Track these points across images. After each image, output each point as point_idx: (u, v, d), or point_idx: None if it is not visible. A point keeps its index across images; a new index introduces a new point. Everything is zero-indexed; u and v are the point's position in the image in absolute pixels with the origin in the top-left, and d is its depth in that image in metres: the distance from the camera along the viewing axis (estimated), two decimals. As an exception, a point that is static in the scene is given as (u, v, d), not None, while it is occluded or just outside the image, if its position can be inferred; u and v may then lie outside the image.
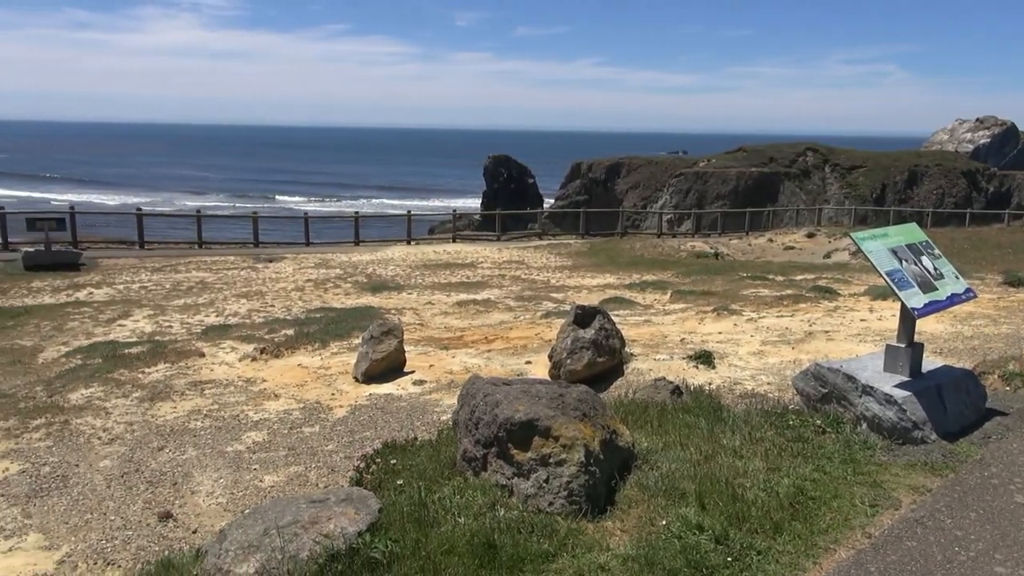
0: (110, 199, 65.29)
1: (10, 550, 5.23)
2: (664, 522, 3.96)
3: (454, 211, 35.27)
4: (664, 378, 7.08)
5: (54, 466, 6.67)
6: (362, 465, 4.99)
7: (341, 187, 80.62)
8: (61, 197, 63.13)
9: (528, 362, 9.29)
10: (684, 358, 8.45)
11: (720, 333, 10.10)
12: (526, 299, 15.47)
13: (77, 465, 6.68)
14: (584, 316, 8.25)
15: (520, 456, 4.28)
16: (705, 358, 8.33)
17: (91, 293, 16.78)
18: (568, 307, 12.58)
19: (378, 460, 4.97)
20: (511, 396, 4.48)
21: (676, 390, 6.58)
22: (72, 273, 19.22)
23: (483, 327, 12.21)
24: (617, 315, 10.88)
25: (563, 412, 4.39)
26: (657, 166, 56.69)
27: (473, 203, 64.29)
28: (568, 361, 7.93)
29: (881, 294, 12.64)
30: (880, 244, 5.43)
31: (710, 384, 7.17)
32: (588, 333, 8.01)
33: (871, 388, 5.22)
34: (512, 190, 56.31)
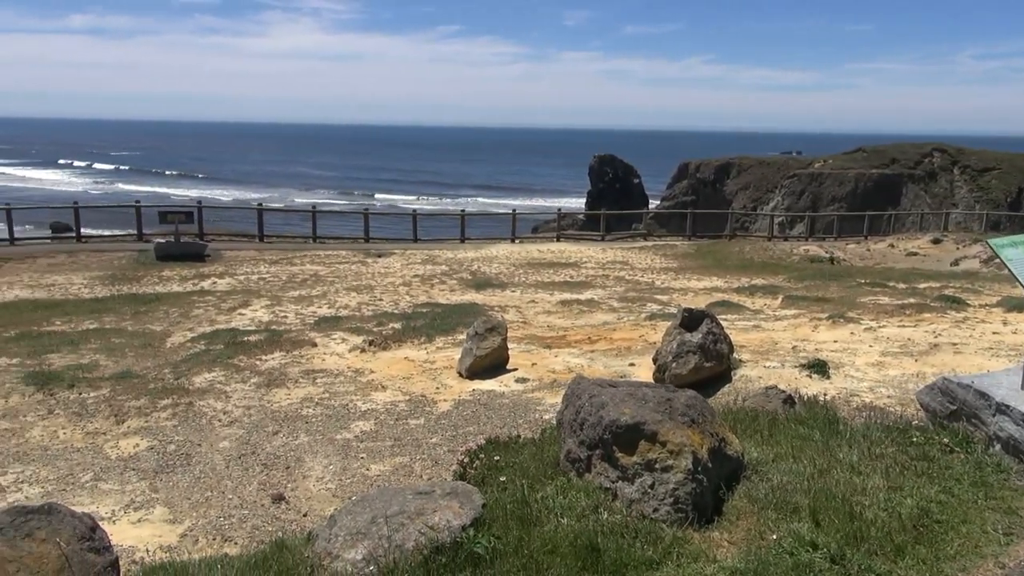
0: (229, 194, 68.92)
1: (139, 521, 5.60)
2: (775, 537, 3.80)
3: (559, 210, 35.25)
4: (775, 386, 6.83)
5: (179, 444, 7.09)
6: (466, 460, 5.05)
7: (447, 185, 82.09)
8: (185, 193, 67.09)
9: (632, 364, 9.17)
10: (796, 366, 8.12)
11: (835, 342, 9.65)
12: (630, 300, 15.29)
13: (199, 445, 7.07)
14: (691, 319, 8.06)
15: (625, 460, 4.22)
16: (819, 367, 7.97)
17: (215, 283, 17.77)
18: (673, 309, 12.33)
19: (481, 456, 5.01)
20: (617, 398, 4.42)
21: (788, 399, 6.33)
22: (198, 263, 20.42)
23: (586, 327, 12.14)
24: (725, 319, 10.58)
25: (670, 417, 4.30)
26: (769, 167, 54.79)
27: (577, 203, 64.08)
28: (674, 365, 7.77)
29: (1017, 306, 11.75)
30: (1021, 252, 5.03)
31: (824, 395, 6.85)
32: (695, 337, 7.82)
33: (1007, 407, 4.85)
34: (617, 190, 55.76)
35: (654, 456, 4.16)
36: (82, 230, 24.90)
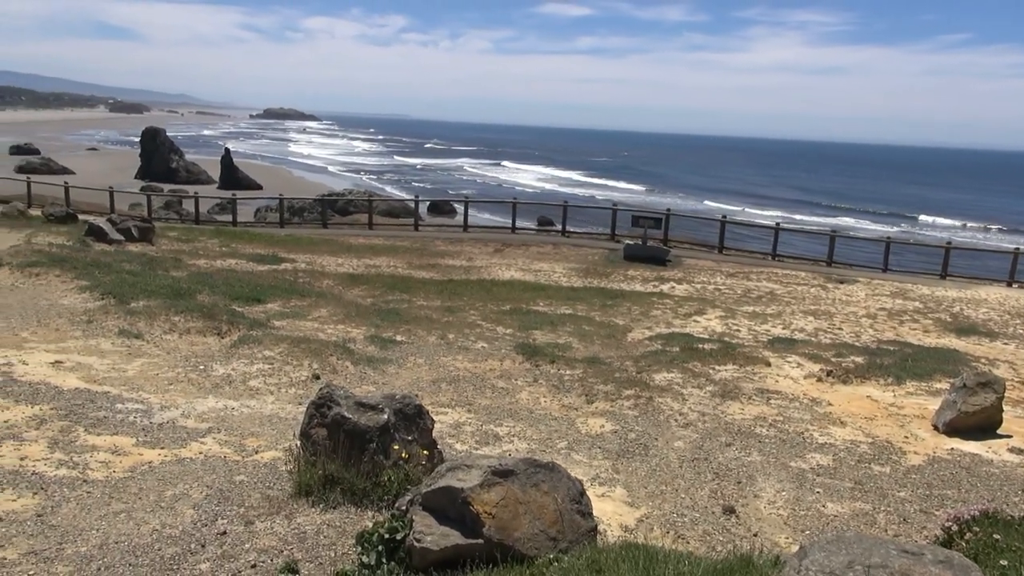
0: (690, 204, 71.13)
1: (603, 496, 6.12)
2: None
3: (1076, 254, 28.83)
4: None
5: (638, 434, 7.58)
6: (954, 528, 4.43)
7: (928, 213, 73.12)
8: (647, 199, 71.14)
9: None
10: None
11: None
12: None
13: (656, 439, 7.47)
14: None
15: None
16: None
17: (672, 287, 18.61)
18: None
19: (976, 528, 4.35)
20: None
21: None
22: (659, 267, 21.59)
23: (1113, 404, 9.75)
24: None
25: None
26: None
27: (1102, 247, 51.75)
28: None
29: None
30: None
31: None
32: None
33: None
34: None
35: None
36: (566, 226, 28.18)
